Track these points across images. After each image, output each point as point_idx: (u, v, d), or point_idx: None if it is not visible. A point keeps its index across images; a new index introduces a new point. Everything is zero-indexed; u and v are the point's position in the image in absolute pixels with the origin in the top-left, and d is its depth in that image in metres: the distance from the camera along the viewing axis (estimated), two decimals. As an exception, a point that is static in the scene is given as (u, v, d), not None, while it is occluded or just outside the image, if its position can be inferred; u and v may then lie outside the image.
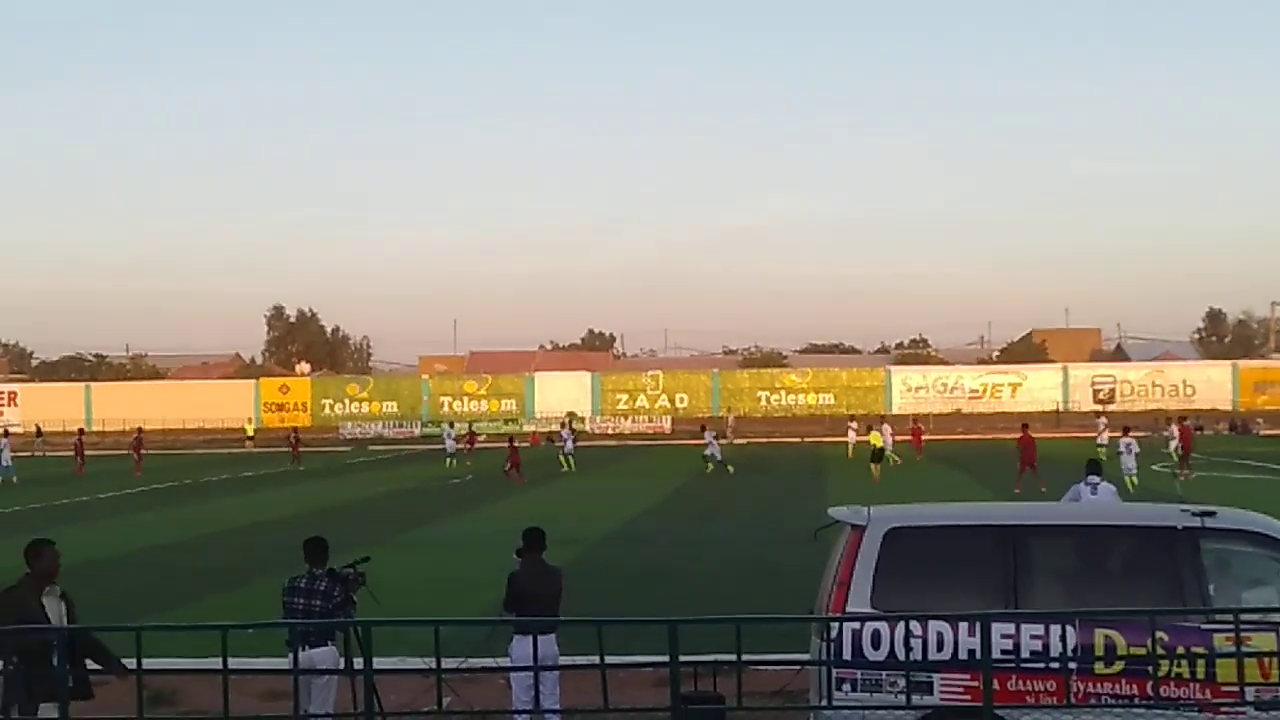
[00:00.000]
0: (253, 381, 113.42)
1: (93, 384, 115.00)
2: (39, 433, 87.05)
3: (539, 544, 12.45)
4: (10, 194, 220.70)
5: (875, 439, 49.62)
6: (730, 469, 52.40)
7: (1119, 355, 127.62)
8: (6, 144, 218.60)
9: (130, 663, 8.84)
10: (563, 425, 62.36)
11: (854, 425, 56.66)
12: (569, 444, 58.89)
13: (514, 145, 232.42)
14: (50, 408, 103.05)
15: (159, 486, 50.51)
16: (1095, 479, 20.00)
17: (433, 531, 33.30)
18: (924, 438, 62.07)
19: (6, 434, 57.43)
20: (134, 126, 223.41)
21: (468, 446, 63.53)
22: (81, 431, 66.86)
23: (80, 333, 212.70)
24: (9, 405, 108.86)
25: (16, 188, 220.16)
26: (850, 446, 56.13)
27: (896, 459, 54.10)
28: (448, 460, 58.23)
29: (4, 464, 53.52)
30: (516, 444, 52.64)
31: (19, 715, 9.47)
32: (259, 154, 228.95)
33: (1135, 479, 39.73)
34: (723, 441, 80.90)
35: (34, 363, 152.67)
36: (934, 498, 29.67)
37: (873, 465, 47.71)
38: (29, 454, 76.48)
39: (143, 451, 60.09)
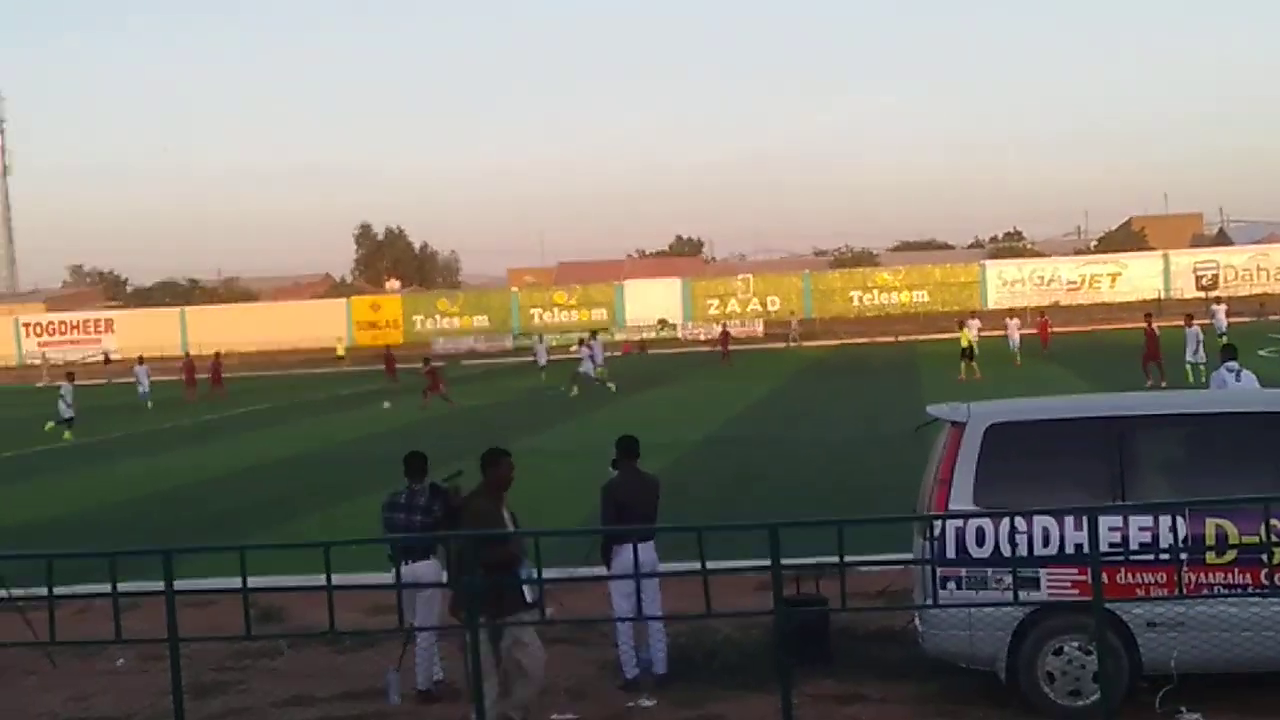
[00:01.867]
0: (344, 300, 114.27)
1: (187, 308, 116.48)
2: (107, 360, 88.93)
3: (633, 452, 12.37)
4: (102, 121, 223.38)
5: (964, 336, 48.72)
6: (611, 386, 50.26)
7: (1221, 240, 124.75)
8: (99, 73, 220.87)
9: (254, 581, 8.93)
10: (581, 341, 57.36)
11: (975, 322, 55.32)
12: (587, 363, 52.28)
13: (597, 49, 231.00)
14: (146, 333, 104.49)
15: (257, 408, 51.17)
16: (1234, 364, 19.31)
17: (530, 442, 33.44)
18: (1030, 332, 61.00)
19: (141, 360, 58.10)
20: (220, 48, 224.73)
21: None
22: (189, 356, 67.46)
23: (174, 257, 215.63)
24: (106, 332, 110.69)
25: (109, 115, 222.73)
26: (1011, 344, 54.58)
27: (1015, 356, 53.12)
28: (541, 372, 58.14)
29: (143, 390, 54.79)
30: (434, 366, 49.36)
31: (486, 624, 9.67)
32: (340, 72, 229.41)
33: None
34: (789, 345, 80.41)
35: (129, 289, 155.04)
36: (1032, 393, 29.33)
37: (962, 363, 47.02)
38: (102, 381, 77.92)
39: (223, 375, 60.38)
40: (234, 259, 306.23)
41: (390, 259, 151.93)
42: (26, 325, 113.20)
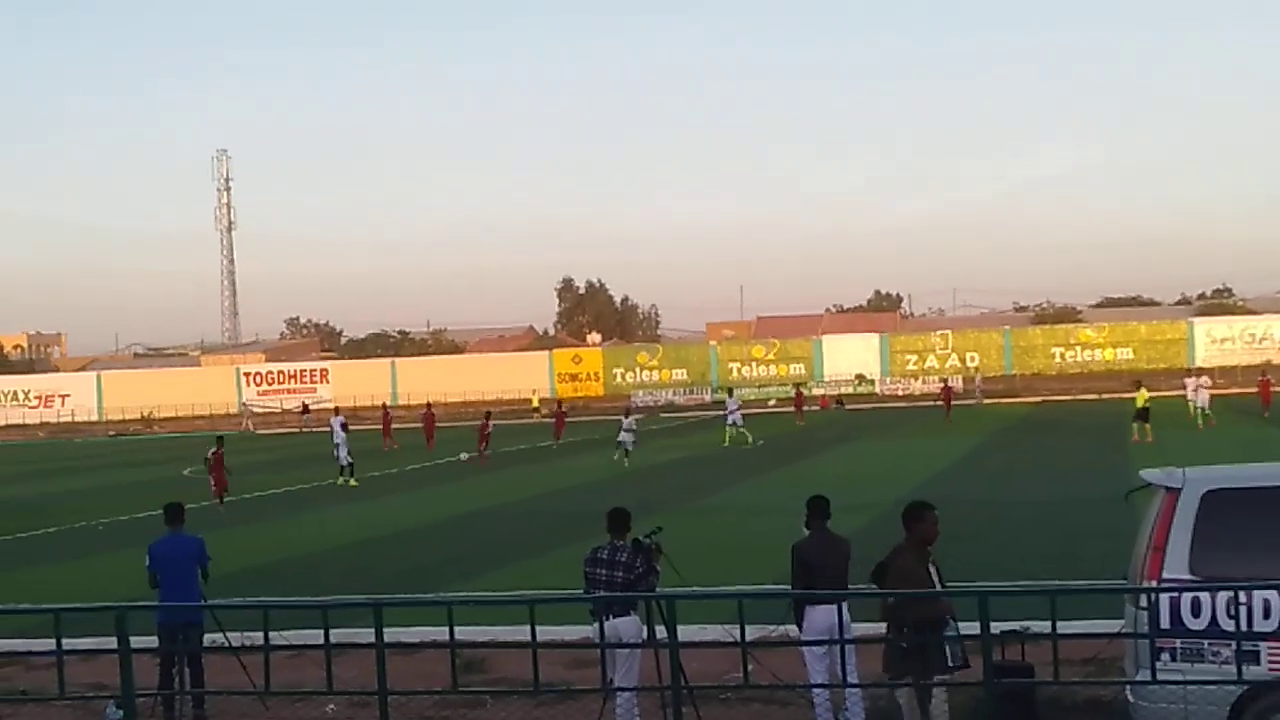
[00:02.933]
0: (546, 353, 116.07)
1: (396, 359, 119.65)
2: (305, 409, 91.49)
3: (823, 512, 12.28)
4: (315, 180, 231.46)
5: (1141, 396, 46.42)
6: (750, 441, 50.95)
7: None
8: (308, 134, 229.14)
9: (459, 633, 9.09)
10: (729, 392, 58.78)
11: (1198, 380, 53.12)
12: (735, 414, 54.34)
13: (796, 106, 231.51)
14: (358, 383, 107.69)
15: (442, 461, 52.10)
16: None
17: (723, 498, 33.45)
18: (1246, 391, 58.78)
19: (337, 411, 58.84)
20: (427, 110, 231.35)
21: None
22: (386, 406, 69.18)
23: (385, 310, 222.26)
24: (321, 382, 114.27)
25: (321, 174, 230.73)
26: (1192, 405, 52.41)
27: (1209, 417, 50.83)
28: (730, 429, 57.69)
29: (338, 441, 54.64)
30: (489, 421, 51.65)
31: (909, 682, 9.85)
32: (543, 130, 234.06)
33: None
34: (968, 402, 78.24)
35: (343, 340, 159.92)
36: (1243, 457, 28.29)
37: (1134, 424, 45.11)
38: (296, 430, 79.72)
39: (435, 425, 60.78)
40: (442, 311, 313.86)
41: (592, 312, 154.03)
42: (247, 374, 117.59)
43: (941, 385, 72.57)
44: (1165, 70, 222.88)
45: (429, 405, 65.55)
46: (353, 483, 40.92)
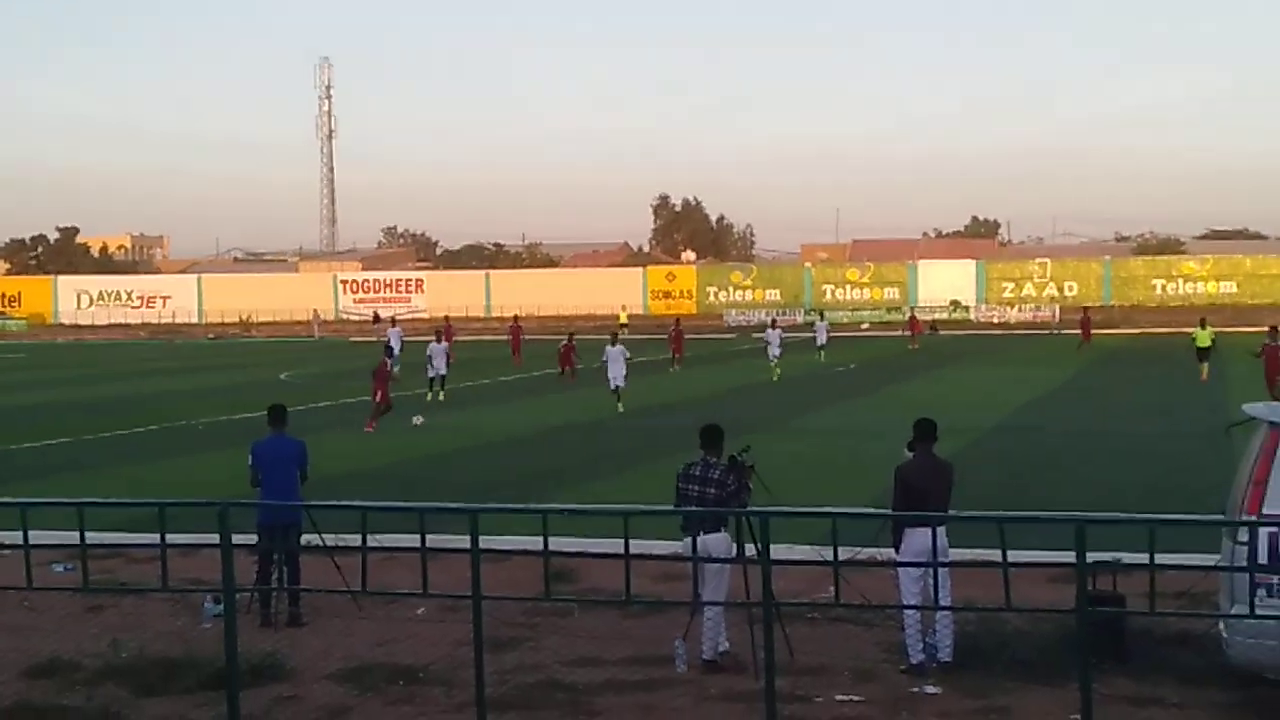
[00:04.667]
0: (640, 269, 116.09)
1: (491, 272, 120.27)
2: (376, 318, 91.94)
3: (930, 436, 12.22)
4: (415, 91, 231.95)
5: (1202, 337, 44.21)
6: (778, 378, 46.93)
7: None
8: (409, 45, 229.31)
9: (552, 543, 9.19)
10: (773, 323, 53.91)
11: None
12: (776, 345, 49.52)
13: (900, 25, 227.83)
14: (452, 294, 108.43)
15: (554, 371, 52.30)
16: None
17: (818, 419, 33.41)
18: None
19: (394, 323, 58.37)
20: (527, 24, 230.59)
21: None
22: (516, 319, 67.18)
23: (482, 221, 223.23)
24: (416, 292, 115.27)
25: (421, 85, 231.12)
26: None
27: None
28: (820, 351, 57.27)
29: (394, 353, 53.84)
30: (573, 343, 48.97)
31: None
32: (643, 48, 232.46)
33: None
34: (1053, 333, 75.19)
35: (438, 251, 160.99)
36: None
37: (1202, 365, 43.20)
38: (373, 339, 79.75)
39: (522, 338, 59.44)
40: (538, 224, 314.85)
41: (687, 230, 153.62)
42: (344, 282, 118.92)
43: (1083, 314, 66.76)
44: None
45: (516, 319, 65.50)
46: (442, 396, 40.28)
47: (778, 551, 13.28)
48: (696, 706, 10.89)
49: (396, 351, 41.06)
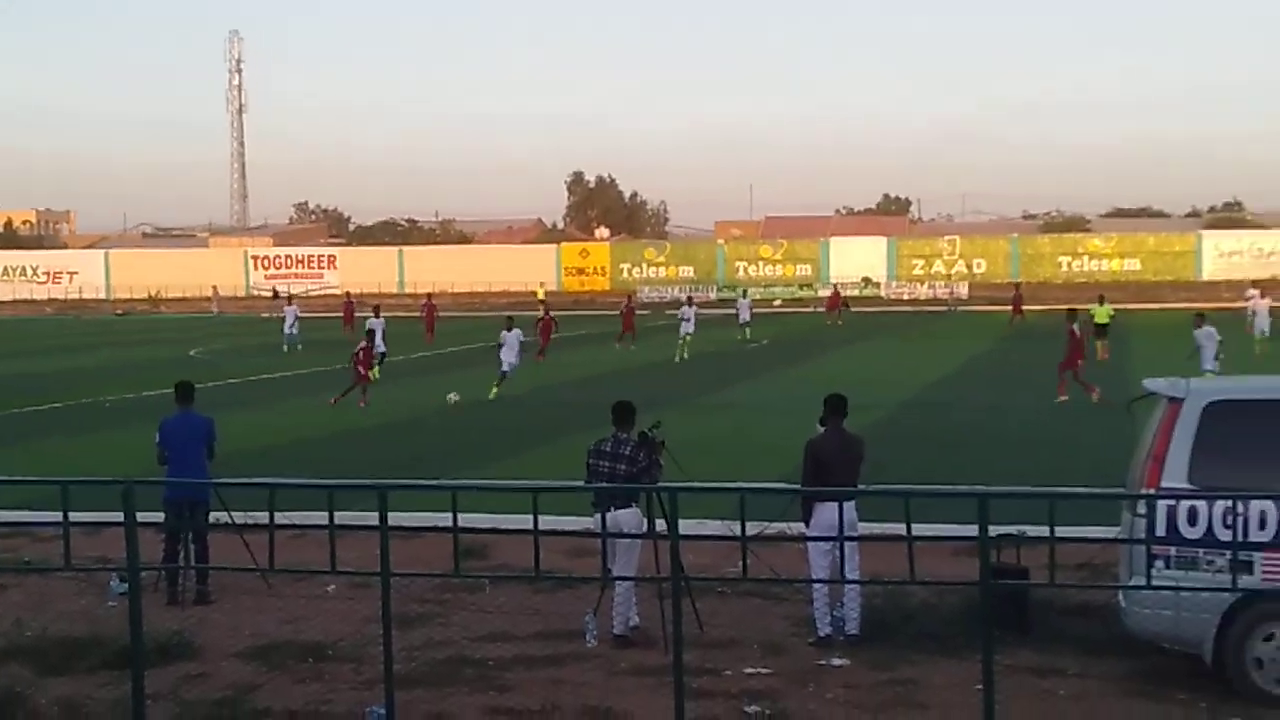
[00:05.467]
0: (554, 246, 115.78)
1: (404, 248, 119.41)
2: (275, 295, 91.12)
3: (841, 411, 12.35)
4: (327, 66, 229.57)
5: (1101, 313, 43.76)
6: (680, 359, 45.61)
7: None
8: (321, 19, 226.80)
9: (462, 519, 9.17)
10: (689, 300, 51.76)
11: (1255, 293, 50.11)
12: (690, 323, 48.22)
13: (813, 7, 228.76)
14: (365, 270, 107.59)
15: (462, 349, 52.14)
16: None
17: (731, 395, 33.58)
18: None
19: (291, 300, 57.51)
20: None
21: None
22: (430, 296, 66.12)
23: (395, 197, 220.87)
24: (329, 268, 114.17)
25: (334, 60, 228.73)
26: (1252, 318, 46.65)
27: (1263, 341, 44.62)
28: (745, 329, 57.44)
29: (287, 331, 52.47)
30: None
31: None
32: (559, 24, 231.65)
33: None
34: (950, 310, 76.62)
35: (351, 227, 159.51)
36: (1246, 369, 28.38)
37: (1099, 342, 42.44)
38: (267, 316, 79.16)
39: (436, 315, 58.30)
40: (451, 201, 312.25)
41: (600, 207, 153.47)
42: (255, 258, 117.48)
43: (1015, 292, 66.47)
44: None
45: (429, 296, 64.87)
46: (376, 373, 39.05)
47: (688, 527, 13.36)
48: (606, 681, 10.95)
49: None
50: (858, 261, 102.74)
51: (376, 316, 41.61)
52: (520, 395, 33.49)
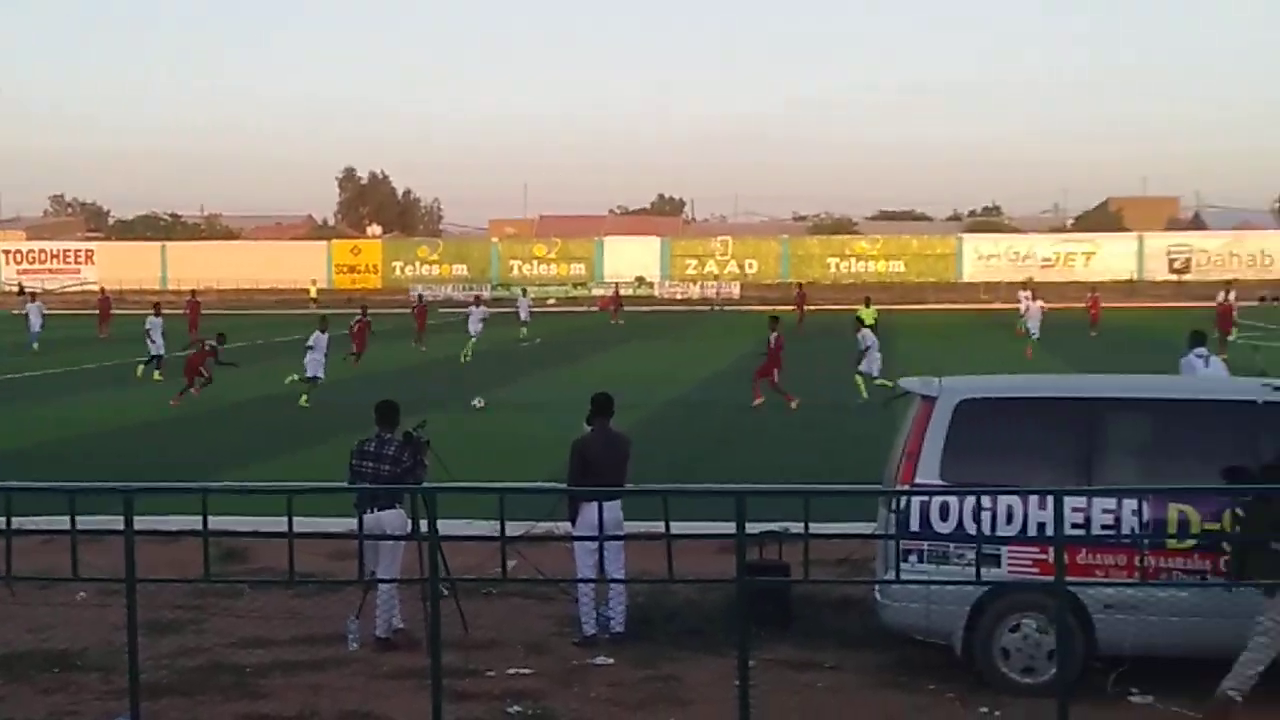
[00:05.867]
0: (324, 243, 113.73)
1: (168, 243, 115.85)
2: (21, 291, 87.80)
3: (607, 410, 12.38)
4: (83, 53, 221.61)
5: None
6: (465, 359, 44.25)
7: (1196, 224, 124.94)
8: (75, 3, 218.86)
9: (210, 522, 8.89)
10: (477, 300, 50.06)
11: (1026, 294, 51.14)
12: (477, 322, 46.78)
13: (586, 6, 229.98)
14: (127, 266, 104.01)
15: (230, 347, 50.75)
16: (1203, 350, 19.21)
17: (504, 394, 33.44)
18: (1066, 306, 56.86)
19: (34, 297, 55.25)
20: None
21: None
22: (194, 293, 64.17)
23: (157, 192, 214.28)
24: (86, 263, 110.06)
25: (90, 47, 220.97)
26: (1023, 319, 48.38)
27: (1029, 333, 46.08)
28: (523, 327, 57.22)
29: (32, 329, 50.41)
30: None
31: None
32: (329, 12, 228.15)
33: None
34: (713, 310, 78.79)
35: (111, 221, 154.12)
36: (1003, 369, 29.37)
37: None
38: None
39: (200, 313, 56.09)
40: (217, 195, 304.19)
41: (373, 204, 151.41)
42: (6, 252, 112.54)
43: (798, 291, 67.67)
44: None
45: (193, 293, 63.11)
46: (158, 375, 37.76)
47: (455, 527, 13.24)
48: (367, 685, 10.78)
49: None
50: (632, 261, 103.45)
51: (156, 315, 40.19)
52: (286, 394, 32.76)
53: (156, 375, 37.73)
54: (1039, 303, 48.00)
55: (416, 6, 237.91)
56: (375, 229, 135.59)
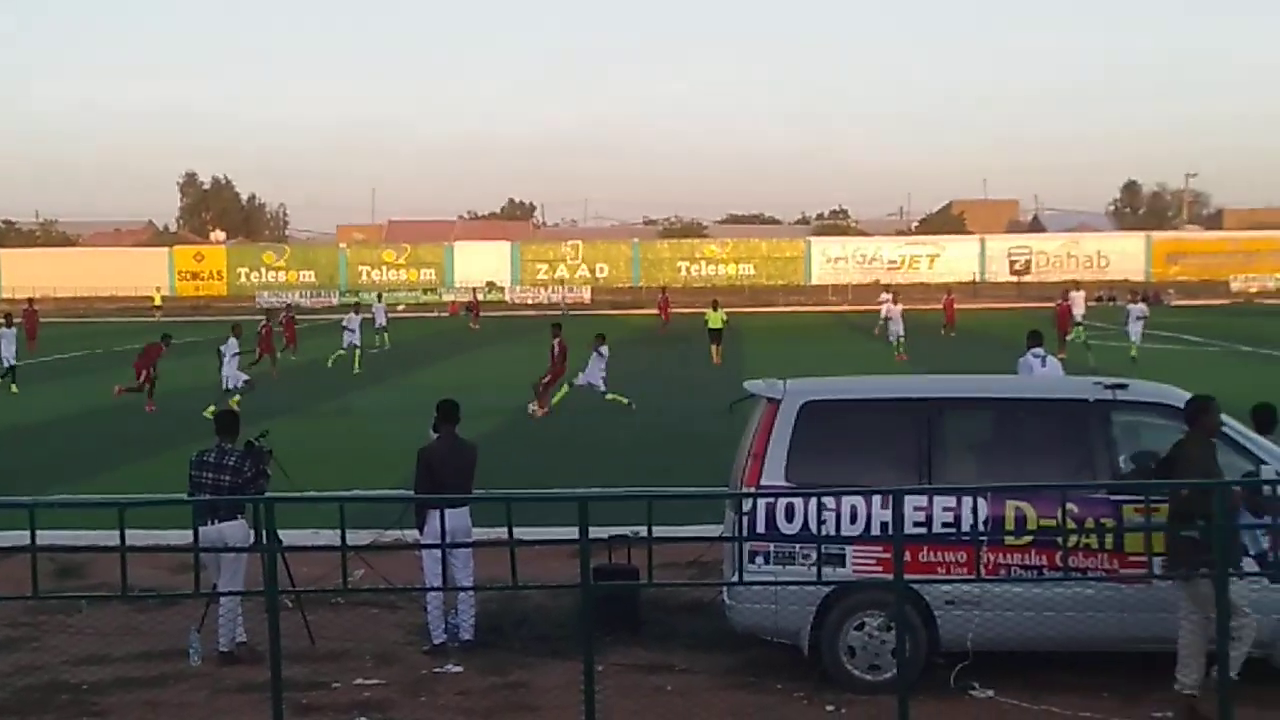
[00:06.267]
0: (166, 249, 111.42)
1: (1, 250, 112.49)
2: None
3: (453, 417, 12.30)
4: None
5: (714, 318, 45.52)
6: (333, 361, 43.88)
7: (1035, 226, 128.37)
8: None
9: (42, 537, 8.62)
10: (355, 309, 47.75)
11: (888, 297, 51.81)
12: (355, 334, 44.55)
13: (429, 9, 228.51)
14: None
15: (66, 356, 49.66)
16: (1040, 350, 19.77)
17: (352, 401, 33.07)
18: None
19: None
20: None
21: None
22: (31, 301, 63.03)
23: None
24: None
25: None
26: (883, 322, 49.42)
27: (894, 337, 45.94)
28: (383, 333, 56.33)
29: None
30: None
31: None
32: (171, 13, 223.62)
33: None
34: (472, 327, 79.02)
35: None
36: (851, 370, 29.87)
37: (712, 346, 44.82)
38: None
39: (39, 321, 54.61)
40: (52, 201, 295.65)
41: (216, 209, 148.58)
42: None
43: (662, 295, 67.97)
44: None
45: (30, 302, 61.55)
46: (13, 388, 36.51)
47: (301, 537, 13.09)
48: (209, 701, 10.56)
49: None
50: (482, 266, 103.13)
51: (8, 326, 38.84)
52: (127, 405, 32.00)
53: (14, 388, 36.60)
54: (899, 306, 48.44)
55: (260, 11, 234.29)
56: (219, 235, 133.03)
